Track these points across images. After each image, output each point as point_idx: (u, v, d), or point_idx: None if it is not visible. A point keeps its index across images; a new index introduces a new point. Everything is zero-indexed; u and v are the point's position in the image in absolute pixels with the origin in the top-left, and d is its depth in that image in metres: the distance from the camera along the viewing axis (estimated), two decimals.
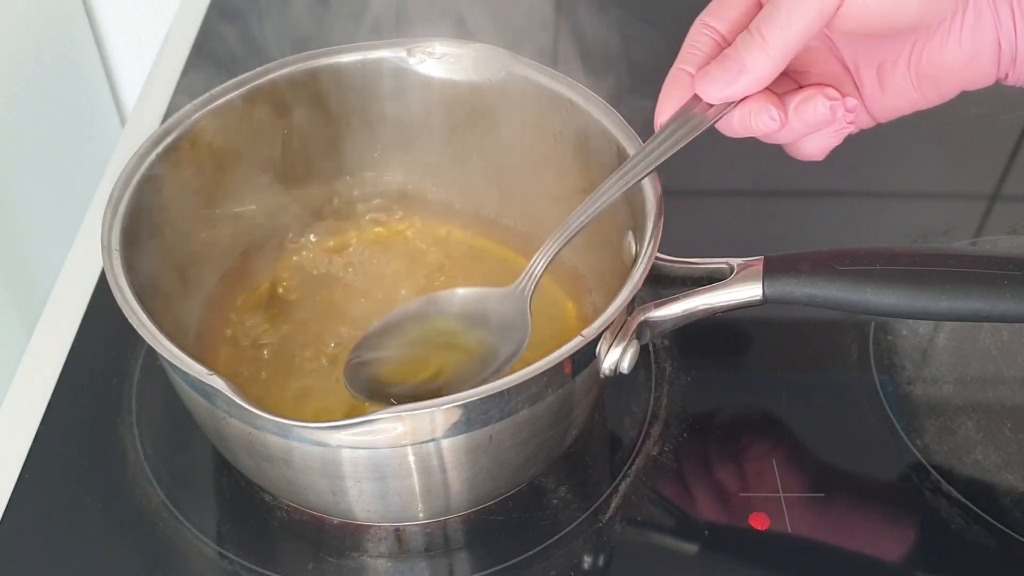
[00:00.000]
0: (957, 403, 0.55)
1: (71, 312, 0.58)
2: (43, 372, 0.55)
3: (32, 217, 0.84)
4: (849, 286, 0.45)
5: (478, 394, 0.40)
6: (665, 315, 0.47)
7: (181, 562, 0.48)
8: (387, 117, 0.58)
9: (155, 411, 0.54)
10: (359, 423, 0.39)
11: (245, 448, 0.45)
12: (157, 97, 0.74)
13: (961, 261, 0.45)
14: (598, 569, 0.48)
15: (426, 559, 0.49)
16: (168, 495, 0.50)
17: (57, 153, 0.89)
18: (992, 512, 0.50)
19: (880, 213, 0.67)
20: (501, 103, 0.55)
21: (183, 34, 0.80)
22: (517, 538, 0.49)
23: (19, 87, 0.83)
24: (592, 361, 0.44)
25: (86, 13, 0.94)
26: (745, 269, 0.47)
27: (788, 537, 0.49)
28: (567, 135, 0.54)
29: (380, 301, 0.56)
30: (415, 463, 0.43)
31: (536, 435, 0.45)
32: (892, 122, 0.73)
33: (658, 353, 0.57)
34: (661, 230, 0.46)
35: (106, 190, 0.48)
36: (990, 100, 0.75)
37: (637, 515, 0.50)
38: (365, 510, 0.47)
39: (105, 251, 0.45)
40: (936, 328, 0.59)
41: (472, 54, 0.55)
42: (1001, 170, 0.70)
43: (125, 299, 0.43)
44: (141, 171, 0.49)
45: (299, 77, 0.55)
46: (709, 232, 0.64)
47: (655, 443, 0.53)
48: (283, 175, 0.57)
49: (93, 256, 0.57)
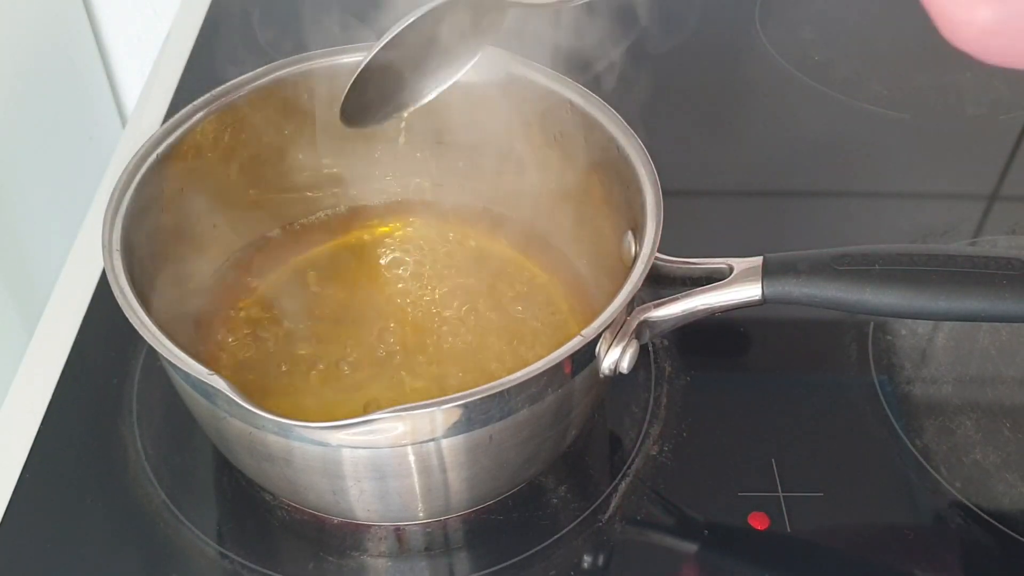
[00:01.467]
0: (956, 403, 0.55)
1: (72, 312, 0.58)
2: (44, 372, 0.56)
3: (33, 217, 0.84)
4: (848, 286, 0.45)
5: (478, 394, 0.40)
6: (665, 315, 0.47)
7: (182, 562, 0.48)
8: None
9: (156, 411, 0.54)
10: (359, 423, 0.39)
11: (246, 448, 0.45)
12: (158, 97, 0.74)
13: (960, 261, 0.45)
14: (598, 569, 0.48)
15: (426, 558, 0.49)
16: (169, 495, 0.50)
17: (58, 153, 0.89)
18: (991, 512, 0.50)
19: (880, 213, 0.67)
20: (501, 103, 0.55)
21: (184, 34, 0.81)
22: (517, 538, 0.49)
23: (20, 87, 0.83)
24: (592, 361, 0.45)
25: (86, 13, 0.94)
26: (744, 269, 0.47)
27: (787, 536, 0.49)
28: (567, 135, 0.54)
29: (381, 300, 0.56)
30: (415, 463, 0.43)
31: (536, 435, 0.45)
32: (892, 122, 0.73)
33: (658, 353, 0.57)
34: (661, 230, 0.46)
35: (107, 190, 0.48)
36: (990, 100, 0.75)
37: (637, 515, 0.50)
38: (365, 510, 0.47)
39: (106, 251, 0.45)
40: (935, 328, 0.59)
41: None
42: (1000, 170, 0.70)
43: (126, 299, 0.43)
44: (142, 172, 0.49)
45: (300, 78, 0.55)
46: (709, 232, 0.64)
47: (655, 443, 0.53)
48: (283, 175, 0.57)
49: (94, 256, 0.57)
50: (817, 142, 0.72)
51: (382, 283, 0.57)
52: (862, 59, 0.80)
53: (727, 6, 0.86)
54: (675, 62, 0.79)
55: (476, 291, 0.56)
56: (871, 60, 0.80)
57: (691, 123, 0.74)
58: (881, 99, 0.75)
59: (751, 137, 0.73)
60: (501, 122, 0.56)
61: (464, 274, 0.58)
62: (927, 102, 0.75)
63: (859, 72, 0.78)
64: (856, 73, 0.78)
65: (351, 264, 0.59)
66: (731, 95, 0.77)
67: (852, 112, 0.74)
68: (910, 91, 0.76)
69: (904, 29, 0.84)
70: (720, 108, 0.75)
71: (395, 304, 0.56)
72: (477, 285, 0.57)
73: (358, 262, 0.59)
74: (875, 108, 0.74)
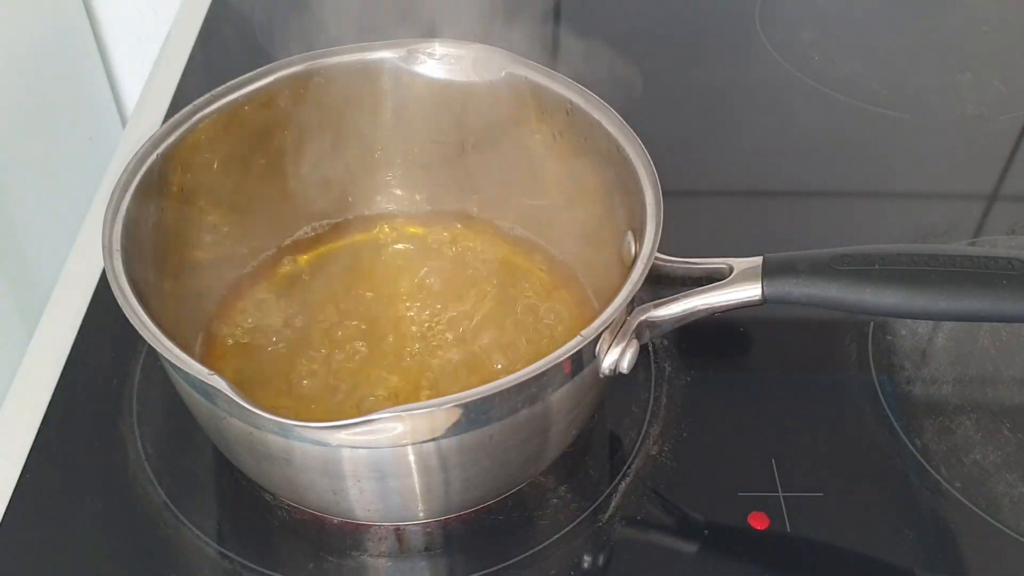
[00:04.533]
0: (956, 403, 0.55)
1: (72, 312, 0.58)
2: (44, 372, 0.56)
3: (33, 217, 0.84)
4: (848, 286, 0.45)
5: (478, 394, 0.40)
6: (665, 315, 0.47)
7: (182, 562, 0.48)
8: (387, 117, 0.58)
9: (156, 411, 0.54)
10: (359, 423, 0.39)
11: (246, 448, 0.45)
12: (158, 98, 0.74)
13: (960, 261, 0.45)
14: (598, 568, 0.48)
15: (426, 558, 0.49)
16: (169, 495, 0.50)
17: (58, 153, 0.89)
18: (991, 512, 0.50)
19: (879, 213, 0.67)
20: (501, 104, 0.55)
21: (184, 34, 0.81)
22: (517, 538, 0.49)
23: (19, 87, 0.83)
24: (592, 361, 0.45)
25: (86, 13, 0.94)
26: (744, 269, 0.47)
27: (787, 536, 0.49)
28: (567, 135, 0.54)
29: (382, 302, 0.56)
30: (415, 463, 0.43)
31: (536, 435, 0.45)
32: (891, 122, 0.74)
33: (658, 353, 0.57)
34: (661, 230, 0.46)
35: (107, 191, 0.48)
36: (990, 100, 0.75)
37: (637, 515, 0.50)
38: (365, 509, 0.47)
39: (106, 251, 0.45)
40: (935, 328, 0.59)
41: (472, 55, 0.55)
42: (1000, 170, 0.70)
43: (126, 299, 0.43)
44: (142, 172, 0.49)
45: (300, 78, 0.55)
46: (709, 232, 0.64)
47: (655, 443, 0.53)
48: (283, 175, 0.57)
49: (94, 256, 0.57)
50: (817, 142, 0.72)
51: (382, 283, 0.57)
52: (862, 59, 0.80)
53: (727, 6, 0.86)
54: (675, 62, 0.79)
55: (475, 290, 0.56)
56: (871, 60, 0.80)
57: (691, 123, 0.74)
58: (881, 99, 0.75)
59: (751, 137, 0.73)
60: (500, 122, 0.56)
61: (463, 274, 0.58)
62: (927, 102, 0.75)
63: (859, 72, 0.78)
64: (856, 73, 0.78)
65: (351, 265, 0.59)
66: (731, 95, 0.77)
67: (852, 112, 0.74)
68: (910, 91, 0.76)
69: (904, 29, 0.84)
70: (720, 108, 0.76)
71: (395, 304, 0.56)
72: (475, 284, 0.57)
73: (358, 263, 0.59)
74: (875, 108, 0.74)
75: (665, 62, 0.79)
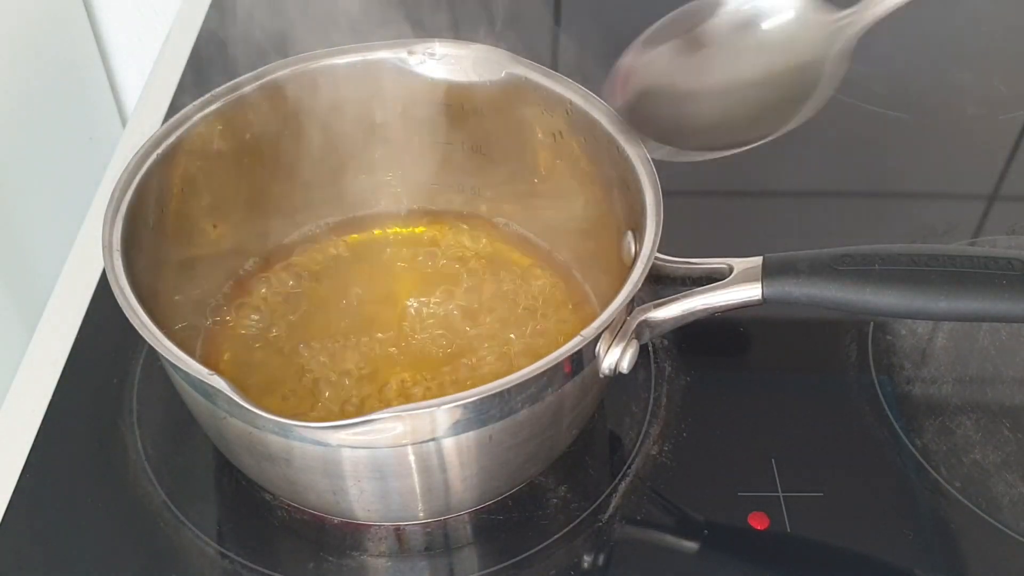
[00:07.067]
0: (956, 403, 0.55)
1: (72, 312, 0.58)
2: (44, 372, 0.56)
3: (33, 217, 0.84)
4: (848, 286, 0.45)
5: (478, 394, 0.40)
6: (665, 315, 0.47)
7: (182, 562, 0.48)
8: (387, 117, 0.58)
9: (156, 411, 0.54)
10: (359, 423, 0.39)
11: (246, 448, 0.45)
12: (158, 97, 0.74)
13: (960, 261, 0.45)
14: (598, 568, 0.48)
15: (426, 558, 0.49)
16: (169, 495, 0.50)
17: (58, 153, 0.89)
18: (991, 512, 0.50)
19: (879, 213, 0.67)
20: (501, 104, 0.55)
21: (184, 34, 0.80)
22: (517, 538, 0.49)
23: (19, 87, 0.83)
24: (592, 361, 0.45)
25: (86, 13, 0.94)
26: (744, 269, 0.47)
27: (787, 536, 0.49)
28: (567, 135, 0.54)
29: (383, 302, 0.56)
30: (415, 463, 0.43)
31: (536, 435, 0.45)
32: (891, 122, 0.73)
33: (658, 353, 0.57)
34: (661, 230, 0.46)
35: (107, 190, 0.48)
36: (990, 100, 0.75)
37: (637, 514, 0.50)
38: (365, 509, 0.47)
39: (106, 251, 0.45)
40: (935, 328, 0.59)
41: (472, 55, 0.55)
42: (1000, 170, 0.70)
43: (126, 299, 0.43)
44: (142, 172, 0.49)
45: (300, 78, 0.55)
46: (709, 232, 0.64)
47: (655, 443, 0.53)
48: (283, 175, 0.57)
49: (94, 256, 0.57)
50: (817, 142, 0.72)
51: (382, 283, 0.57)
52: (863, 59, 0.80)
53: None
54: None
55: (475, 290, 0.57)
56: (872, 60, 0.79)
57: None
58: (881, 99, 0.75)
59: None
60: (500, 123, 0.56)
61: (463, 273, 0.58)
62: (927, 102, 0.75)
63: (859, 72, 0.78)
64: (856, 73, 0.78)
65: (351, 265, 0.59)
66: None
67: (852, 112, 0.74)
68: (910, 91, 0.76)
69: (905, 29, 0.84)
70: None
71: (394, 303, 0.56)
72: (475, 284, 0.57)
73: (358, 263, 0.59)
74: (875, 108, 0.74)
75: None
